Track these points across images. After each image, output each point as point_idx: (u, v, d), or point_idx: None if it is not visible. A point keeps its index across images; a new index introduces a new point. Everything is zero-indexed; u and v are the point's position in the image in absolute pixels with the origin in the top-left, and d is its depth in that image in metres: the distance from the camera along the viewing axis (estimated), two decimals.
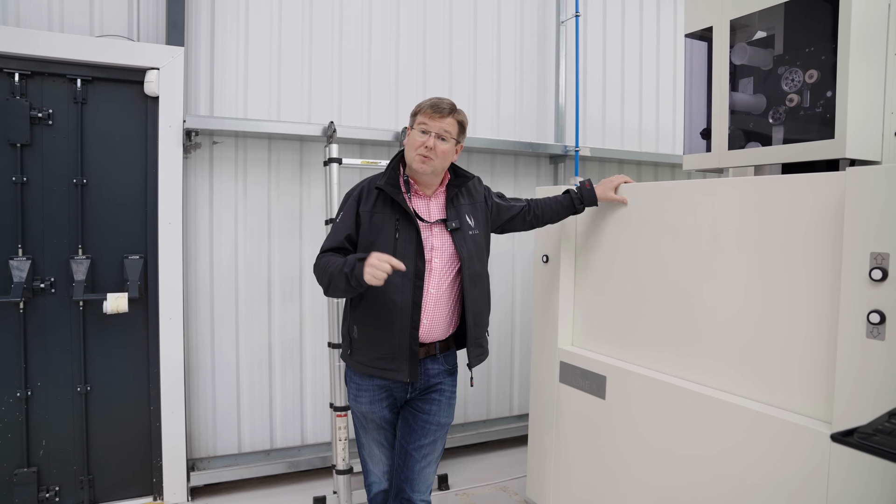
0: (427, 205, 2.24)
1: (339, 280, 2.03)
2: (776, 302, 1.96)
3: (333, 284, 2.07)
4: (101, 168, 3.09)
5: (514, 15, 4.17)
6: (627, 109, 4.60)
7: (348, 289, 2.03)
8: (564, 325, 2.85)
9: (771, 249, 1.98)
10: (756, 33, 2.51)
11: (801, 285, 1.88)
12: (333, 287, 2.09)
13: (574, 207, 2.58)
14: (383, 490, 2.39)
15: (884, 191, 1.62)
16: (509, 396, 4.29)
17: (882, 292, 1.60)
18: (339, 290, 2.08)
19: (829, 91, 2.18)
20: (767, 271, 1.99)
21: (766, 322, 2.00)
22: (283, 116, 3.54)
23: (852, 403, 1.68)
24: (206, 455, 3.45)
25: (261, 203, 3.52)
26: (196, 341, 3.41)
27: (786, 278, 1.93)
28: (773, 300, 1.97)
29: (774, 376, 1.97)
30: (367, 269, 1.92)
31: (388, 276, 1.92)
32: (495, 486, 3.58)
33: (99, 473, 3.15)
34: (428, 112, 2.15)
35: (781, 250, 1.95)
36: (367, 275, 1.91)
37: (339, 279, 2.02)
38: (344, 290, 2.06)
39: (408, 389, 2.25)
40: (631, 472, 2.43)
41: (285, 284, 3.59)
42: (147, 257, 3.16)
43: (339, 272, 2.02)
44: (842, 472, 1.71)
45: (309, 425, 3.68)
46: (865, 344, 1.64)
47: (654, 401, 2.32)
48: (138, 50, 3.06)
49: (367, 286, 1.97)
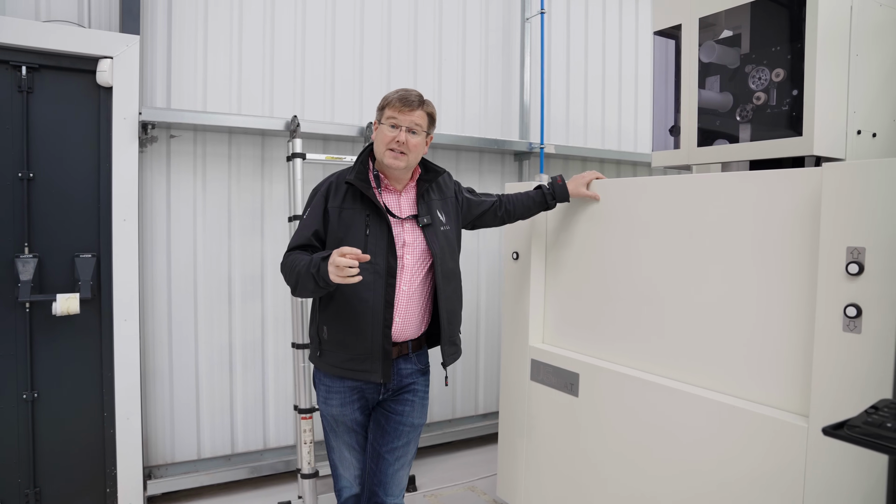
0: (398, 200, 2.19)
1: (306, 280, 1.95)
2: (752, 297, 1.98)
3: (301, 284, 1.99)
4: (48, 161, 2.91)
5: (480, 11, 4.14)
6: (590, 107, 4.63)
7: (317, 289, 1.96)
8: (535, 322, 2.83)
9: (746, 244, 2.00)
10: (723, 32, 2.54)
11: (777, 280, 1.90)
12: (302, 287, 2.01)
13: (546, 203, 2.56)
14: (354, 495, 2.32)
15: (860, 186, 1.64)
16: (475, 395, 4.26)
17: (858, 286, 1.63)
18: (308, 291, 2.00)
19: (796, 90, 2.21)
20: (743, 266, 2.00)
21: (742, 317, 2.01)
22: (243, 110, 3.42)
23: (829, 396, 1.70)
24: (164, 462, 3.31)
25: (220, 199, 3.39)
26: (153, 343, 3.26)
27: (762, 273, 1.95)
28: (748, 295, 1.99)
29: (751, 371, 1.99)
30: (332, 271, 1.84)
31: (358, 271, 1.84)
32: (463, 486, 3.55)
33: (46, 485, 2.98)
34: (397, 106, 2.09)
35: (757, 245, 1.97)
36: (332, 275, 1.84)
37: (306, 279, 1.95)
38: (312, 291, 1.99)
39: (380, 390, 2.19)
40: (605, 469, 2.42)
41: (246, 284, 3.47)
42: (100, 256, 2.99)
43: (306, 273, 1.94)
44: (819, 465, 1.73)
45: (271, 429, 3.57)
46: (842, 337, 1.66)
47: (630, 398, 2.32)
48: (90, 37, 2.89)
49: (336, 285, 1.90)
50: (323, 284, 1.90)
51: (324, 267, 1.87)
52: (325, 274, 1.87)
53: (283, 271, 2.10)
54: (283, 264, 2.10)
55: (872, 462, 1.63)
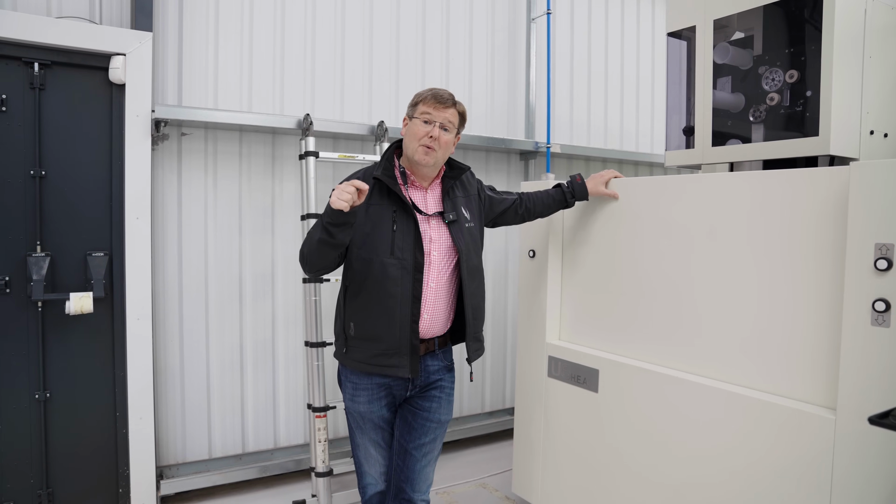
0: (424, 197, 2.20)
1: (314, 231, 1.95)
2: (779, 293, 2.02)
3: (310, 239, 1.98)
4: (61, 159, 2.88)
5: (486, 11, 4.17)
6: (594, 107, 4.68)
7: (322, 239, 1.92)
8: (552, 319, 2.86)
9: (773, 241, 2.04)
10: (734, 34, 2.58)
11: (804, 276, 1.94)
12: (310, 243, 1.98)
13: (566, 201, 2.58)
14: (379, 492, 2.33)
15: (888, 184, 1.69)
16: (481, 394, 4.28)
17: (887, 281, 1.67)
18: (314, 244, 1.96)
19: (809, 90, 2.26)
20: (770, 263, 2.04)
21: (768, 313, 2.05)
22: (254, 108, 3.40)
23: (857, 389, 1.75)
24: (175, 462, 3.29)
25: (231, 197, 3.38)
26: (164, 342, 3.24)
27: (789, 270, 1.99)
28: (775, 291, 2.03)
29: (777, 365, 2.02)
30: (335, 194, 1.83)
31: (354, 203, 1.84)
32: (474, 483, 3.57)
33: (59, 486, 2.95)
34: (431, 102, 2.11)
35: (784, 242, 2.01)
36: (333, 198, 1.83)
37: (314, 230, 1.95)
38: (318, 243, 1.94)
39: (408, 387, 2.20)
40: (626, 465, 2.45)
41: (257, 282, 3.46)
42: (112, 254, 2.97)
43: (315, 224, 1.96)
44: (847, 456, 1.77)
45: (282, 428, 3.57)
46: (871, 331, 1.70)
47: (652, 393, 2.35)
48: (103, 34, 2.87)
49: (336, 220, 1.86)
50: (326, 220, 1.88)
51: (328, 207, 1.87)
52: (328, 206, 1.86)
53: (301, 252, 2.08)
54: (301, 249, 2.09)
55: None
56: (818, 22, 2.22)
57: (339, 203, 1.82)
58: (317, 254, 1.98)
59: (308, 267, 2.06)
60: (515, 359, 4.35)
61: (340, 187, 1.85)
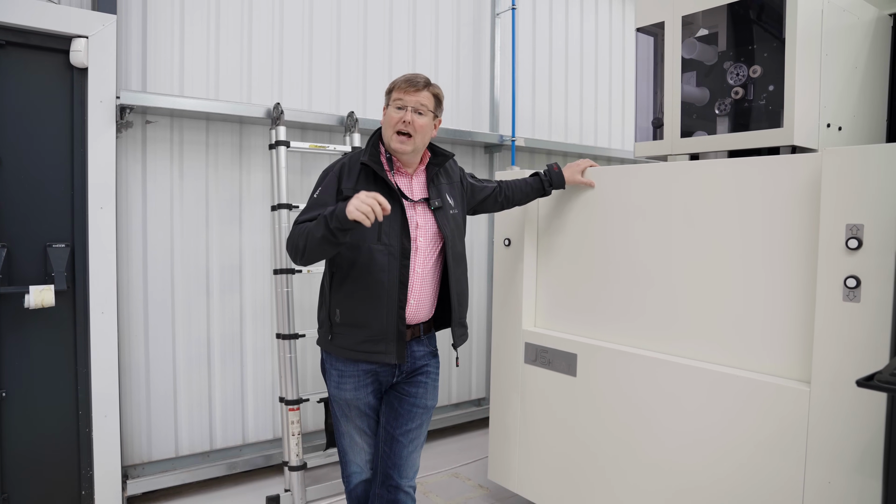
0: (409, 183, 2.21)
1: (316, 229, 1.89)
2: (754, 274, 2.12)
3: (311, 235, 1.92)
4: (18, 145, 2.74)
5: (452, 5, 4.19)
6: (555, 102, 4.77)
7: (325, 237, 1.88)
8: (528, 307, 2.91)
9: (748, 224, 2.14)
10: (699, 30, 2.70)
11: (779, 257, 2.05)
12: (310, 239, 1.92)
13: (543, 189, 2.64)
14: (364, 480, 2.33)
15: (859, 169, 1.81)
16: (448, 386, 4.31)
17: (858, 259, 1.79)
18: (315, 241, 1.91)
19: (772, 85, 2.39)
20: (746, 245, 2.14)
21: (743, 293, 2.15)
22: (221, 96, 3.32)
23: (830, 362, 1.86)
24: (141, 461, 3.17)
25: (198, 188, 3.29)
26: (128, 337, 3.12)
27: (765, 251, 2.09)
28: (750, 272, 2.13)
29: (753, 343, 2.13)
30: (353, 203, 1.78)
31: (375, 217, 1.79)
32: (447, 473, 3.59)
33: (16, 491, 2.79)
34: (403, 87, 2.11)
35: (759, 225, 2.11)
36: (350, 207, 1.78)
37: (316, 228, 1.89)
38: (319, 241, 1.90)
39: (394, 373, 2.21)
40: (606, 448, 2.52)
41: (224, 275, 3.38)
42: (74, 245, 2.84)
43: (317, 223, 1.89)
44: (820, 426, 1.89)
45: (250, 423, 3.49)
46: (843, 307, 1.82)
47: (631, 375, 2.43)
48: (64, 14, 2.74)
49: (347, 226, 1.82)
50: (334, 225, 1.83)
51: (340, 207, 1.83)
52: (340, 213, 1.81)
53: (289, 240, 2.04)
54: (290, 236, 2.05)
55: (869, 420, 1.80)
56: (779, 20, 2.35)
57: (358, 216, 1.78)
58: (318, 250, 1.96)
59: (303, 260, 2.02)
60: (479, 350, 4.42)
61: (362, 199, 1.79)
